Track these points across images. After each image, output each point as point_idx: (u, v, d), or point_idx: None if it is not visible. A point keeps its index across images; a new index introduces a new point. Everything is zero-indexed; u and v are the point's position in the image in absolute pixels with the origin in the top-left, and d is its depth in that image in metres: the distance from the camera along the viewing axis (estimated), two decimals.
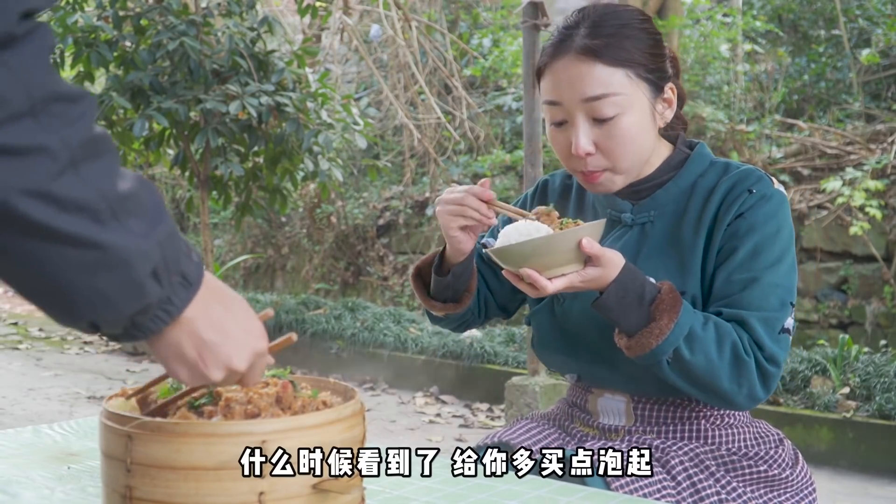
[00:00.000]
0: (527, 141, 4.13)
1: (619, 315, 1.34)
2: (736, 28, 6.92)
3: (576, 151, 1.41)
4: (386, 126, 8.13)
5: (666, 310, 1.32)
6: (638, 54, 1.40)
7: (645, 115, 1.42)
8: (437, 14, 7.87)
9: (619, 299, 1.33)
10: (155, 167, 7.36)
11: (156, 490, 0.90)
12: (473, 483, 1.23)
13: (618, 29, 1.40)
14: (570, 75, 1.39)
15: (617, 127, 1.39)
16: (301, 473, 0.91)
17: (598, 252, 1.31)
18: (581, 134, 1.40)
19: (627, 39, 1.40)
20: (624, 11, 1.44)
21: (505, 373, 5.02)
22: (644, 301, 1.33)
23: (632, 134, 1.40)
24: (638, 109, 1.41)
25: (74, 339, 7.54)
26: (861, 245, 5.33)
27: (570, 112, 1.41)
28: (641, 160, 1.45)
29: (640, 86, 1.41)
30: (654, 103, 1.43)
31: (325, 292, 7.64)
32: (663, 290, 1.35)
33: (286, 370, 1.05)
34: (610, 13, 1.43)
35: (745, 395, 1.35)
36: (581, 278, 1.33)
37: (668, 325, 1.31)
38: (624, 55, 1.39)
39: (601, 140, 1.40)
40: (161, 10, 5.59)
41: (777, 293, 1.38)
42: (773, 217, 1.40)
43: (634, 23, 1.43)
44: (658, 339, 1.32)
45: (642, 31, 1.43)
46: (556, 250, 1.30)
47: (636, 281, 1.34)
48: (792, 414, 4.09)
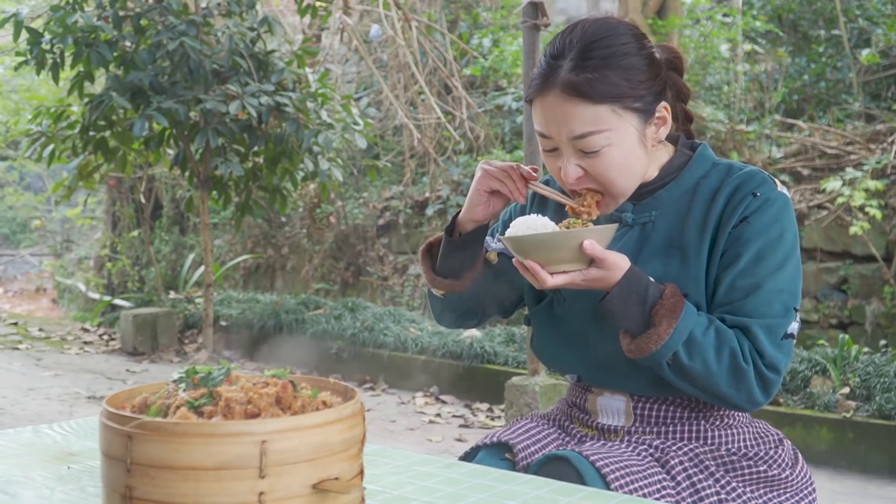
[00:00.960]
0: (527, 141, 4.13)
1: (621, 317, 1.36)
2: (736, 28, 6.92)
3: (565, 180, 1.42)
4: (386, 126, 8.13)
5: (665, 315, 1.33)
6: (625, 86, 1.37)
7: (633, 143, 1.41)
8: (437, 14, 7.86)
9: (622, 302, 1.34)
10: (155, 167, 7.36)
11: (156, 490, 0.90)
12: (473, 483, 1.23)
13: (604, 61, 1.36)
14: (556, 113, 1.38)
15: (604, 159, 1.39)
16: (301, 474, 0.91)
17: (600, 255, 1.32)
18: (569, 165, 1.41)
19: (615, 71, 1.36)
20: (612, 35, 1.39)
21: (505, 373, 5.02)
22: (646, 305, 1.35)
23: (619, 163, 1.40)
24: (626, 138, 1.39)
25: (74, 339, 7.54)
26: (861, 245, 5.33)
27: (559, 144, 1.42)
28: (634, 183, 1.44)
29: (627, 117, 1.38)
30: (643, 129, 1.41)
31: (325, 292, 7.64)
32: (665, 294, 1.35)
33: (286, 370, 1.05)
34: (598, 40, 1.38)
35: (744, 398, 1.37)
36: (583, 277, 1.34)
37: (666, 331, 1.33)
38: (609, 90, 1.36)
39: (590, 169, 1.41)
40: (161, 10, 5.59)
41: (781, 299, 1.38)
42: (777, 221, 1.40)
43: (622, 48, 1.38)
44: (657, 344, 1.33)
45: (630, 55, 1.38)
46: (559, 248, 1.33)
47: (640, 285, 1.35)
48: (792, 414, 4.09)
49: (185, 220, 9.23)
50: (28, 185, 12.89)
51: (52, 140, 5.79)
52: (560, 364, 1.55)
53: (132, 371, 6.17)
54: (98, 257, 10.07)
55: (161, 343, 6.77)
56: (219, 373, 1.01)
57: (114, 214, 9.71)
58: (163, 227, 9.35)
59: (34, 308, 11.07)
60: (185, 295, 7.76)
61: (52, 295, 11.66)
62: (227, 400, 0.96)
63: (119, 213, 9.50)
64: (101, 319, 8.08)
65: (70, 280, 10.58)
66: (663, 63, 1.45)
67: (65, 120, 5.81)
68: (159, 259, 8.92)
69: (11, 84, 10.78)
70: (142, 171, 7.14)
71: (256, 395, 0.97)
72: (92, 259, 10.48)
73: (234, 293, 7.49)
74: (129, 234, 9.39)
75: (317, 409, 1.00)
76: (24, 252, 14.11)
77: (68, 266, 11.18)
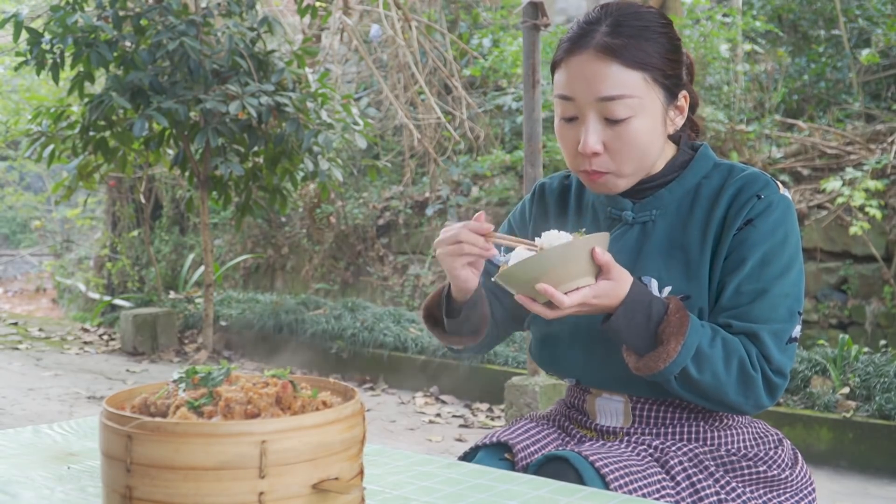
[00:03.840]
0: (527, 141, 4.13)
1: (627, 337, 1.35)
2: (736, 28, 6.92)
3: (583, 149, 1.40)
4: (386, 126, 8.13)
5: (673, 333, 1.32)
6: (657, 58, 1.39)
7: (657, 120, 1.41)
8: (437, 14, 7.86)
9: (627, 321, 1.33)
10: (155, 167, 7.36)
11: (156, 490, 0.90)
12: (473, 483, 1.23)
13: (639, 30, 1.39)
14: (587, 72, 1.38)
15: (628, 129, 1.39)
16: (301, 474, 0.91)
17: (609, 262, 1.31)
18: (591, 132, 1.40)
19: (648, 42, 1.39)
20: (646, 13, 1.43)
21: (505, 373, 5.02)
22: (651, 322, 1.33)
23: (641, 138, 1.40)
24: (651, 114, 1.40)
25: (74, 340, 7.54)
26: (861, 245, 5.33)
27: (581, 109, 1.41)
28: (647, 165, 1.44)
29: (655, 90, 1.40)
30: (666, 109, 1.43)
31: (325, 292, 7.64)
32: (670, 309, 1.34)
33: (286, 370, 1.05)
34: (632, 13, 1.41)
35: (752, 405, 1.37)
36: (594, 293, 1.31)
37: (675, 349, 1.31)
38: (643, 57, 1.38)
39: (610, 141, 1.40)
40: (161, 10, 5.59)
41: (786, 303, 1.38)
42: (781, 224, 1.40)
43: (656, 26, 1.42)
44: (665, 363, 1.32)
45: (663, 34, 1.41)
46: (570, 260, 1.28)
47: (644, 301, 1.34)
48: (792, 414, 4.09)
49: (185, 220, 9.23)
50: (28, 185, 12.89)
51: (52, 140, 5.79)
52: (559, 368, 1.54)
53: (132, 371, 6.17)
54: (98, 257, 10.07)
55: (161, 343, 6.77)
56: (219, 373, 1.01)
57: (114, 214, 9.71)
58: (163, 227, 9.35)
59: (34, 308, 11.07)
60: (185, 295, 7.76)
61: (52, 295, 11.66)
62: (227, 400, 0.96)
63: (119, 213, 9.50)
64: (101, 319, 8.08)
65: (70, 280, 10.58)
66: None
67: (65, 120, 5.81)
68: (159, 259, 8.92)
69: (11, 84, 10.77)
70: (142, 171, 7.13)
71: (256, 395, 0.97)
72: (92, 259, 10.48)
73: (234, 293, 7.50)
74: (129, 234, 9.39)
75: (317, 409, 1.00)
76: (24, 252, 14.11)
77: (68, 266, 11.18)
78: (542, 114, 4.15)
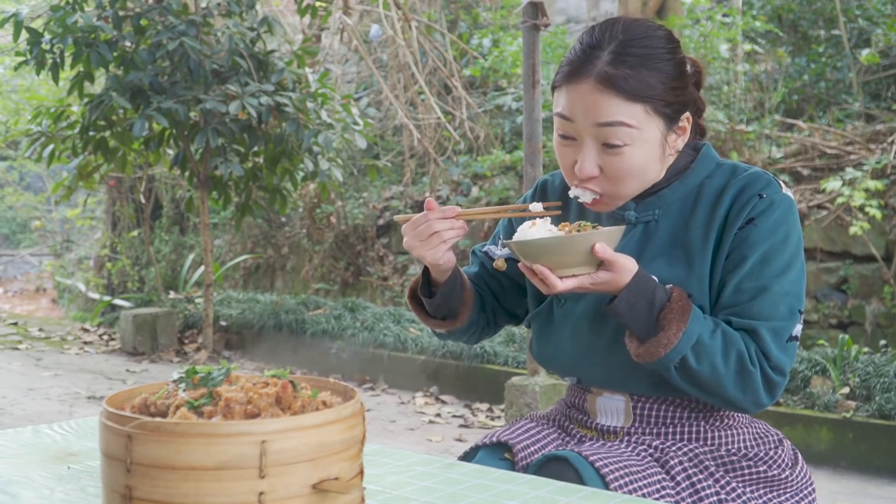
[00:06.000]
0: (526, 141, 4.13)
1: (629, 321, 1.35)
2: (736, 28, 6.92)
3: (580, 174, 1.41)
4: (386, 126, 8.13)
5: (675, 319, 1.33)
6: (659, 88, 1.37)
7: (654, 148, 1.41)
8: (437, 14, 7.87)
9: (629, 306, 1.34)
10: (155, 167, 7.36)
11: (156, 490, 0.90)
12: (473, 483, 1.23)
13: (642, 60, 1.37)
14: (587, 100, 1.37)
15: (624, 157, 1.38)
16: (301, 474, 0.91)
17: (610, 257, 1.32)
18: (587, 157, 1.40)
19: (651, 72, 1.37)
20: (652, 37, 1.40)
21: (505, 373, 5.02)
22: (654, 308, 1.34)
23: (637, 165, 1.40)
24: (649, 142, 1.39)
25: (74, 340, 7.54)
26: (861, 245, 5.33)
27: (580, 132, 1.40)
28: (644, 185, 1.45)
29: (654, 120, 1.39)
30: (666, 136, 1.42)
31: (325, 292, 7.64)
32: (673, 297, 1.35)
33: (286, 370, 1.05)
34: (637, 38, 1.38)
35: (750, 401, 1.37)
36: (591, 281, 1.34)
37: (675, 335, 1.33)
38: (645, 90, 1.36)
39: (606, 165, 1.40)
40: (161, 10, 5.59)
41: (786, 301, 1.38)
42: (783, 223, 1.40)
43: (661, 52, 1.39)
44: (666, 349, 1.33)
45: (668, 61, 1.39)
46: (569, 252, 1.32)
47: (647, 288, 1.35)
48: (792, 414, 4.09)
49: (185, 220, 9.23)
50: (28, 185, 12.89)
51: (52, 140, 5.79)
52: (559, 367, 1.55)
53: (132, 371, 6.17)
54: (98, 257, 10.07)
55: (161, 343, 6.77)
56: (219, 373, 1.01)
57: (114, 214, 9.71)
58: (163, 227, 9.35)
59: (34, 308, 11.07)
60: (185, 295, 7.76)
61: (52, 295, 11.66)
62: (227, 400, 0.96)
63: (119, 213, 9.50)
64: (101, 319, 8.08)
65: (70, 280, 10.58)
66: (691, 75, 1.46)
67: (65, 120, 5.81)
68: (159, 259, 8.92)
69: (11, 84, 10.77)
70: (142, 171, 7.13)
71: (256, 395, 0.97)
72: (92, 259, 10.48)
73: (234, 293, 7.49)
74: (128, 234, 9.39)
75: (317, 409, 1.00)
76: (24, 252, 14.11)
77: (68, 266, 11.18)
78: (542, 114, 4.15)
